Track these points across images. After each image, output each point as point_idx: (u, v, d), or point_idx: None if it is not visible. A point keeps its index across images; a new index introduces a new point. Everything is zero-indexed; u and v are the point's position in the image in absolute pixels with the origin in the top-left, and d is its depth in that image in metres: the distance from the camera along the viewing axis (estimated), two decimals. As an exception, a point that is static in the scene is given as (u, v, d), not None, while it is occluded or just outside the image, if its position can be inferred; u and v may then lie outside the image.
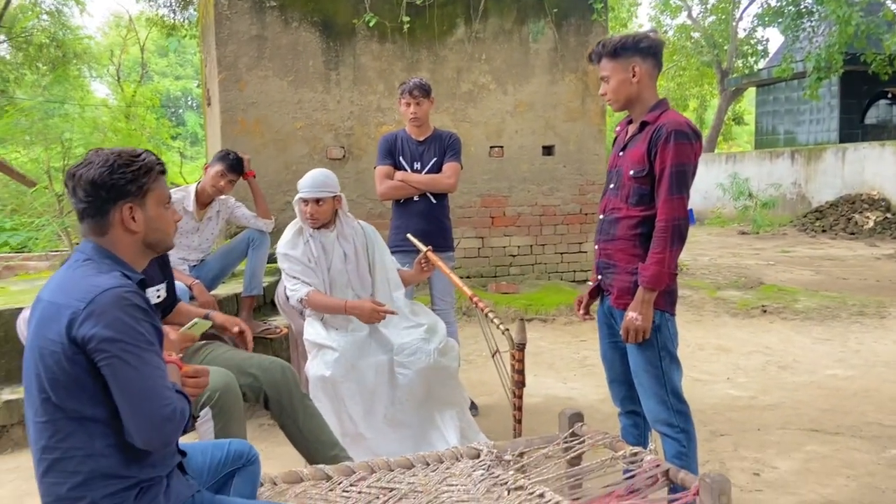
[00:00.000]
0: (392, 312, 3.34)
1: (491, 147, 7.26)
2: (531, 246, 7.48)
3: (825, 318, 6.46)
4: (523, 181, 7.38)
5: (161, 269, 2.79)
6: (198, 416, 2.56)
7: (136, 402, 1.55)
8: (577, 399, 4.38)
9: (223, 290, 4.54)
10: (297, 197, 3.40)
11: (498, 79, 7.24)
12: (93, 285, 1.59)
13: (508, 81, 7.27)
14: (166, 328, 1.92)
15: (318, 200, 3.34)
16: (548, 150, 7.46)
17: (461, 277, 4.51)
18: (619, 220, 2.53)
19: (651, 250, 2.41)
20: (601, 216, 2.64)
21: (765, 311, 6.71)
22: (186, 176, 15.06)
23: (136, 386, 1.55)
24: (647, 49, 2.46)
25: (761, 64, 22.03)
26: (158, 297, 2.75)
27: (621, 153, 2.58)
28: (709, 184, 17.58)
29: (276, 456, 3.35)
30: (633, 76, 2.46)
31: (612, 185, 2.60)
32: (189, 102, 39.32)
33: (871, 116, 18.76)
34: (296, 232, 3.46)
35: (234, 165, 4.23)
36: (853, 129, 18.13)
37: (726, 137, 28.03)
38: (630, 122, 2.60)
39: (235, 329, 2.74)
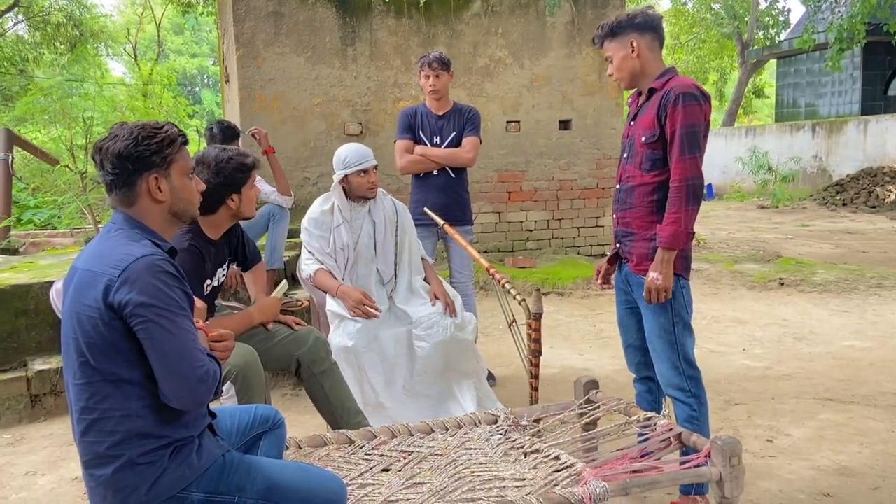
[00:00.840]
0: (377, 310, 3.30)
1: (508, 122, 7.27)
2: (548, 220, 7.51)
3: (843, 291, 6.45)
4: (540, 156, 7.39)
5: (228, 245, 2.95)
6: (221, 392, 2.67)
7: (170, 363, 1.62)
8: (592, 370, 4.44)
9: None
10: (347, 171, 3.36)
11: (514, 53, 7.22)
12: (126, 253, 1.66)
13: (525, 55, 7.25)
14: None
15: (375, 167, 3.41)
16: (565, 125, 7.45)
17: (478, 252, 4.55)
18: (635, 187, 2.59)
19: (667, 210, 2.47)
20: (618, 185, 2.71)
21: (782, 284, 6.70)
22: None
23: (170, 348, 1.62)
24: (642, 24, 2.55)
25: (782, 35, 21.67)
26: (224, 275, 2.92)
27: (633, 122, 2.65)
28: (728, 158, 17.42)
29: (299, 423, 3.45)
30: (633, 51, 2.55)
31: (625, 155, 2.67)
32: (205, 80, 39.37)
33: (895, 88, 18.42)
34: (326, 211, 3.45)
35: (222, 138, 4.29)
36: (876, 101, 17.82)
37: (746, 111, 27.65)
38: (640, 93, 2.67)
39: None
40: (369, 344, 3.26)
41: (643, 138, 2.54)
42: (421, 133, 4.14)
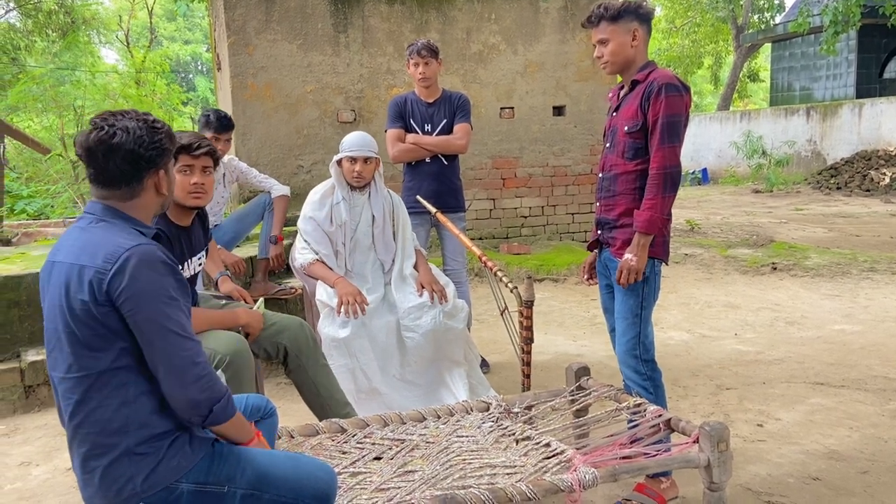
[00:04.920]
0: (363, 307, 3.30)
1: (501, 108, 7.24)
2: (542, 207, 7.50)
3: (835, 275, 6.47)
4: (534, 142, 7.38)
5: (203, 231, 2.91)
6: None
7: (160, 353, 1.64)
8: (586, 356, 4.46)
9: (238, 253, 4.62)
10: (339, 156, 3.44)
11: (508, 39, 7.18)
12: (116, 245, 1.67)
13: (518, 41, 7.22)
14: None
15: (366, 159, 3.42)
16: (558, 111, 7.43)
17: (473, 239, 4.55)
18: (618, 175, 2.65)
19: (645, 197, 2.54)
20: (600, 174, 2.77)
21: (775, 269, 6.73)
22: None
23: (160, 337, 1.64)
24: (644, 15, 2.60)
25: (777, 19, 21.61)
26: (200, 264, 2.89)
27: (615, 113, 2.71)
28: (723, 142, 17.41)
29: (292, 412, 3.46)
30: (633, 39, 2.59)
31: (608, 145, 2.73)
32: (199, 67, 39.11)
33: (890, 71, 18.40)
34: (325, 193, 3.51)
35: (217, 126, 4.26)
36: (871, 84, 17.82)
37: (742, 95, 27.61)
38: (622, 87, 2.72)
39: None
40: (359, 331, 3.27)
41: (626, 128, 2.59)
42: (412, 121, 4.13)
